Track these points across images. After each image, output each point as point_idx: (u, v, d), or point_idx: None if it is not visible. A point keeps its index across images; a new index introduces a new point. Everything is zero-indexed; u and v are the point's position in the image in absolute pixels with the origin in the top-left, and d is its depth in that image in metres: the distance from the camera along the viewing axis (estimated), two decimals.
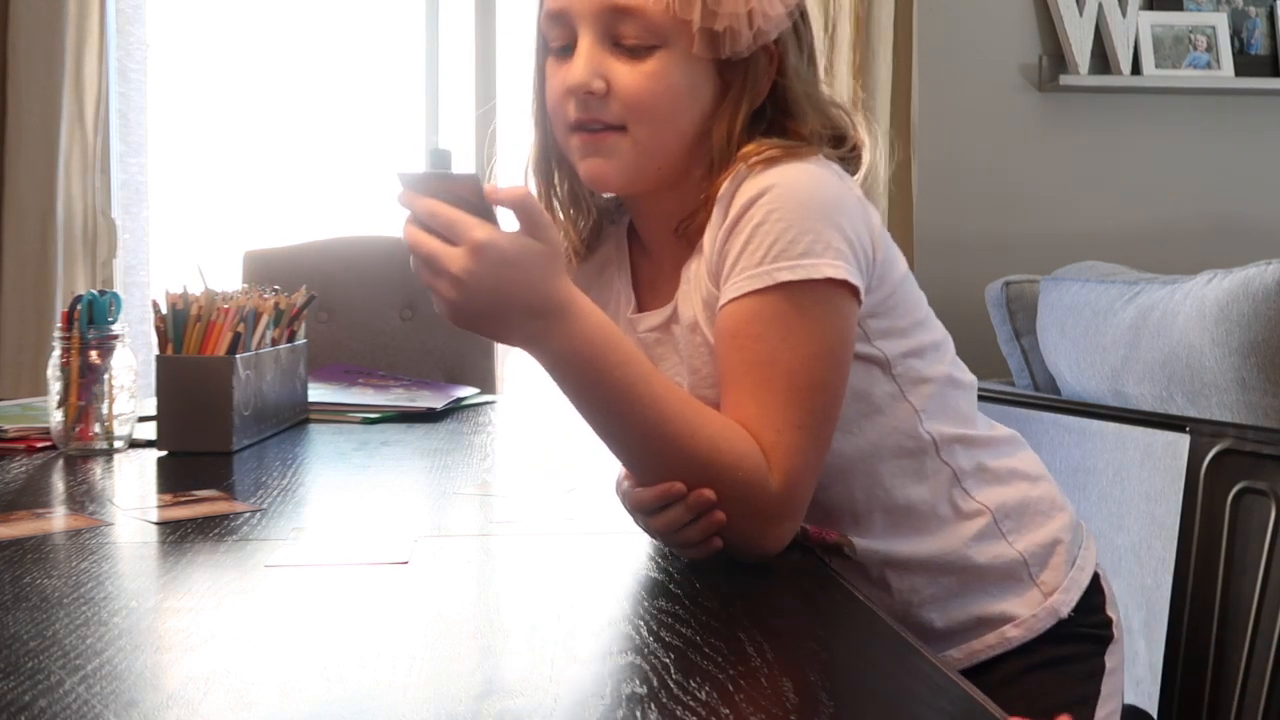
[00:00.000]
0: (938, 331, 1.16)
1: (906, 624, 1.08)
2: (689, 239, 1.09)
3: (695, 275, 1.09)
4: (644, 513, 0.98)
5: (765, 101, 1.10)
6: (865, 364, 1.08)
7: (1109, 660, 1.15)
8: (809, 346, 0.99)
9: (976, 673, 1.12)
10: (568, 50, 1.08)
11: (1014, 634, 1.12)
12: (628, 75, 1.06)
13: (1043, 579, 1.14)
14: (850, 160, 1.13)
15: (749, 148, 1.06)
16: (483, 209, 0.91)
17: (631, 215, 1.20)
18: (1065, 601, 1.13)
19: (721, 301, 1.02)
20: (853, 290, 1.01)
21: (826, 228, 1.00)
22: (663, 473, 0.96)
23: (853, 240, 1.01)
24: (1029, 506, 1.15)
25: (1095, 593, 1.17)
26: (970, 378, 1.19)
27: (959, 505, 1.12)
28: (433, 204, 0.91)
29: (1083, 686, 1.13)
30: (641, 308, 1.18)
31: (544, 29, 1.11)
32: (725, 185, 1.04)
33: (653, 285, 1.17)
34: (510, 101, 1.21)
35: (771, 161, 1.04)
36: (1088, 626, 1.15)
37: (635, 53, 1.06)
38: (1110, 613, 1.18)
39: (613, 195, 1.21)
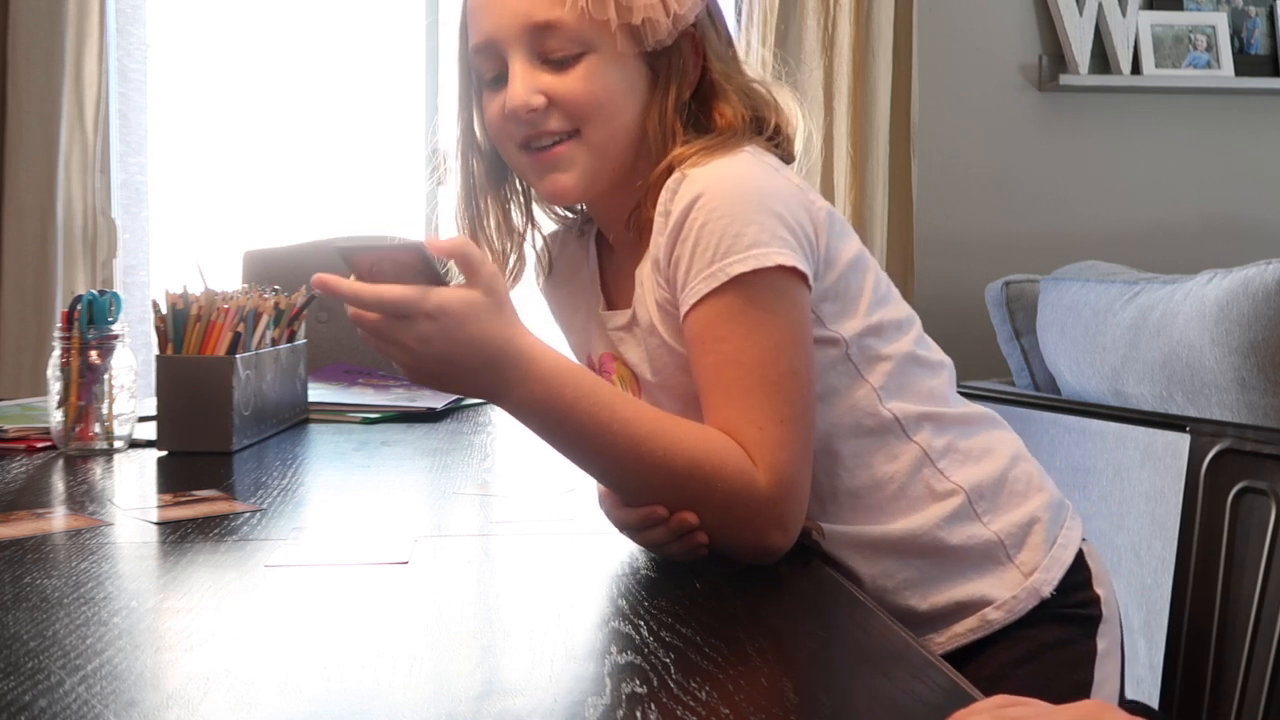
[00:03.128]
0: (899, 310, 1.16)
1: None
2: (638, 231, 1.11)
3: (647, 278, 1.10)
4: (628, 530, 1.00)
5: (700, 84, 1.12)
6: (821, 346, 1.08)
7: (1100, 643, 1.14)
8: (774, 337, 1.00)
9: (961, 664, 1.10)
10: (501, 79, 1.11)
11: (994, 616, 1.11)
12: (564, 84, 1.08)
13: (1021, 559, 1.12)
14: (783, 147, 1.15)
15: (679, 150, 1.08)
16: (429, 272, 0.93)
17: (595, 220, 1.22)
18: (1046, 581, 1.12)
19: (683, 310, 1.03)
20: (802, 277, 1.02)
21: (768, 218, 1.01)
22: (647, 494, 0.96)
23: (794, 227, 1.03)
24: (1005, 485, 1.14)
25: (1079, 570, 1.15)
26: (941, 357, 1.19)
27: (932, 485, 1.12)
28: (377, 290, 0.92)
29: (1075, 674, 1.12)
30: (610, 306, 1.19)
31: (473, 64, 1.13)
32: (663, 194, 1.06)
33: (619, 285, 1.19)
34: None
35: (702, 160, 1.05)
36: (1073, 607, 1.13)
37: (565, 64, 1.09)
38: (1098, 589, 1.16)
39: (578, 209, 1.24)
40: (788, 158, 1.15)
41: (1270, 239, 3.47)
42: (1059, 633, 1.13)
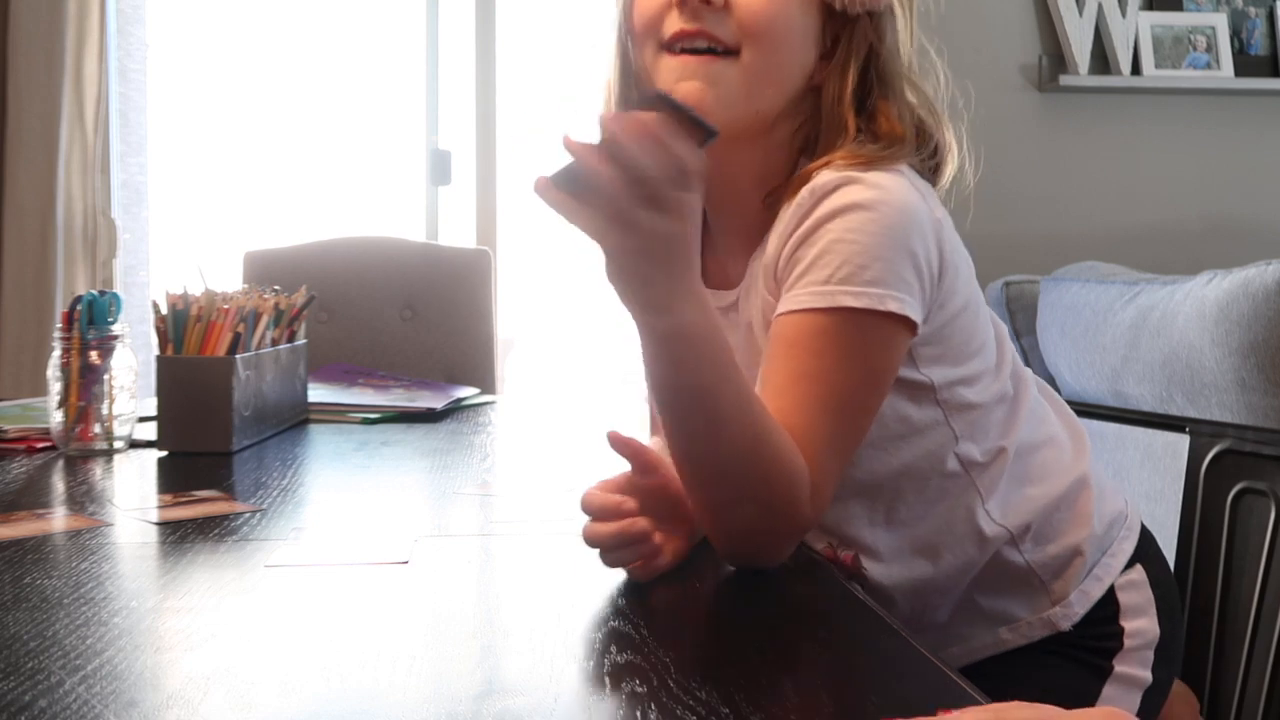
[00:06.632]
0: (994, 355, 1.12)
1: (911, 624, 1.08)
2: (770, 212, 1.07)
3: (759, 276, 1.07)
4: (597, 547, 0.93)
5: (868, 72, 1.08)
6: (911, 388, 1.06)
7: (1119, 665, 1.11)
8: (860, 372, 0.98)
9: (975, 666, 1.11)
10: None
11: (1008, 637, 1.11)
12: None
13: (1054, 587, 1.11)
14: (932, 168, 1.12)
15: (839, 154, 1.04)
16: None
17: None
18: (1066, 615, 1.11)
19: (782, 308, 1.00)
20: (910, 326, 1.00)
21: (899, 256, 0.98)
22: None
23: (922, 271, 1.00)
24: (1054, 516, 1.12)
25: (1108, 604, 1.13)
26: (1025, 379, 1.15)
27: (980, 527, 1.10)
28: (669, 138, 0.83)
29: (1080, 683, 1.11)
30: (706, 282, 1.17)
31: None
32: (806, 191, 1.01)
33: (713, 262, 1.14)
34: (511, 98, 1.19)
35: (861, 169, 1.01)
36: (1092, 639, 1.12)
37: None
38: (1124, 623, 1.12)
39: None
40: (935, 178, 1.12)
41: (1270, 239, 3.47)
42: (1071, 653, 1.12)
